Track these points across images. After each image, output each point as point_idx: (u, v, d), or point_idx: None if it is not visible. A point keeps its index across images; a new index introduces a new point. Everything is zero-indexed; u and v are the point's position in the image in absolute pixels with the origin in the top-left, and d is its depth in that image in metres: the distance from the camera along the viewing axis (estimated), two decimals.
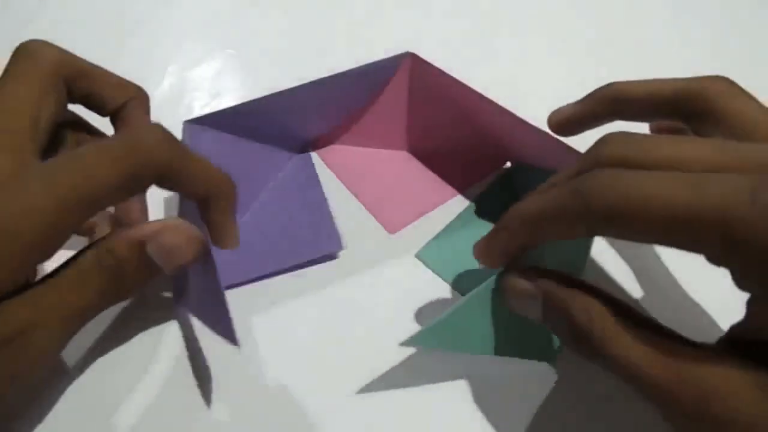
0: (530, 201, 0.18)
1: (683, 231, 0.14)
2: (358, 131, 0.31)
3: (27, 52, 0.20)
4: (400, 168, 0.31)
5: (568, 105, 0.24)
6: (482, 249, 0.21)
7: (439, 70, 0.27)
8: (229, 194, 0.20)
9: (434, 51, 0.29)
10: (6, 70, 0.20)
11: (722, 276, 0.15)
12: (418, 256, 0.27)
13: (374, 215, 0.29)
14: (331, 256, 0.27)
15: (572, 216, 0.16)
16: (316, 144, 0.31)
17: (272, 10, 0.42)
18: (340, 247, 0.27)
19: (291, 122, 0.29)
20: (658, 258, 0.28)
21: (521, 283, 0.19)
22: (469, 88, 0.27)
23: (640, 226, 0.15)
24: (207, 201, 0.19)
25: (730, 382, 0.14)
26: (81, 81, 0.21)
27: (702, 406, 0.14)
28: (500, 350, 0.22)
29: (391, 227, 0.28)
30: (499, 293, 0.20)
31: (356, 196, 0.30)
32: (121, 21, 0.39)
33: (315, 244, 0.27)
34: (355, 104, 0.30)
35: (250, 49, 0.39)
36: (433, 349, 0.21)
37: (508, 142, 0.28)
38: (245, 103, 0.26)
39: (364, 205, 0.29)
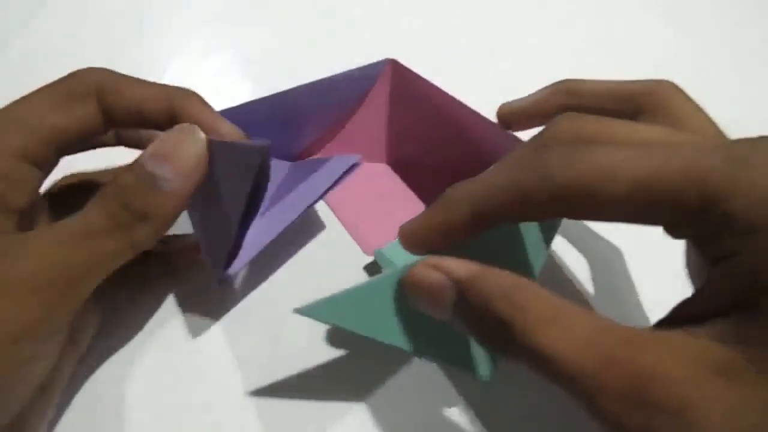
0: (479, 179, 0.17)
1: (655, 197, 0.13)
2: (340, 142, 0.29)
3: (71, 72, 0.19)
4: (381, 184, 0.29)
5: (519, 98, 0.24)
6: (410, 230, 0.18)
7: (422, 78, 0.26)
8: (193, 93, 0.20)
9: (433, 59, 0.27)
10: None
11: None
12: (377, 253, 0.25)
13: (351, 234, 0.27)
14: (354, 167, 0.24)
15: (533, 191, 0.15)
16: (302, 156, 0.30)
17: (274, 12, 0.41)
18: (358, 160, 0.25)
19: (276, 132, 0.28)
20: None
21: (429, 275, 0.16)
22: (454, 98, 0.25)
23: (612, 197, 0.14)
24: (176, 110, 0.19)
25: (673, 362, 0.12)
26: (113, 93, 0.19)
27: (639, 391, 0.12)
28: (419, 348, 0.18)
29: (368, 248, 0.26)
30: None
31: (334, 212, 0.28)
32: (120, 22, 0.39)
33: (334, 168, 0.24)
34: (336, 114, 0.28)
35: (250, 51, 0.38)
36: (338, 325, 0.18)
37: (495, 158, 0.25)
38: (226, 110, 0.25)
39: (342, 222, 0.27)
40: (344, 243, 0.27)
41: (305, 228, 0.28)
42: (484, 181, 0.16)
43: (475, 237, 0.17)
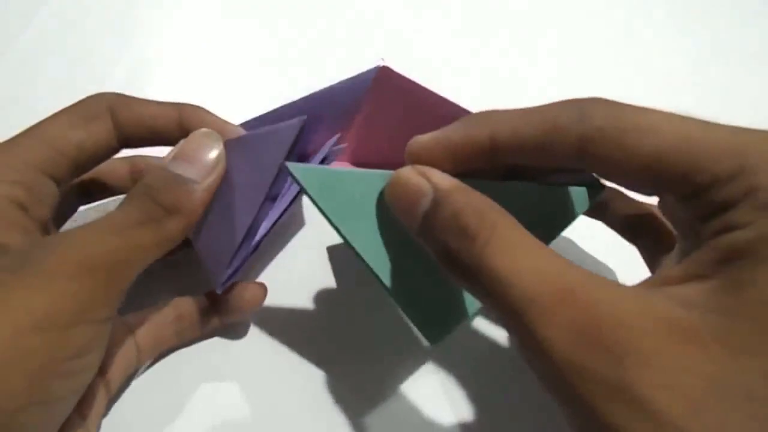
0: (509, 109, 0.17)
1: (688, 160, 0.14)
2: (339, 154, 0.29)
3: (84, 98, 0.20)
4: None
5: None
6: (419, 143, 0.17)
7: (411, 81, 0.26)
8: (199, 107, 0.21)
9: (432, 62, 0.27)
10: None
11: None
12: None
13: None
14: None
15: (564, 128, 0.15)
16: None
17: (274, 15, 0.41)
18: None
19: None
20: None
21: (413, 178, 0.16)
22: (446, 99, 0.25)
23: (646, 152, 0.14)
24: (185, 123, 0.20)
25: (628, 311, 0.12)
26: (125, 110, 0.20)
27: (589, 328, 0.12)
28: (380, 265, 0.18)
29: None
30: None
31: None
32: (121, 23, 0.39)
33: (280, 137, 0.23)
34: (336, 123, 0.28)
35: (248, 58, 0.38)
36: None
37: None
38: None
39: None
40: (327, 238, 0.28)
41: (287, 226, 0.28)
42: (514, 110, 0.16)
43: (485, 166, 0.17)
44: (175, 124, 0.20)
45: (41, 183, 0.19)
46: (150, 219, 0.17)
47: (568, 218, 0.20)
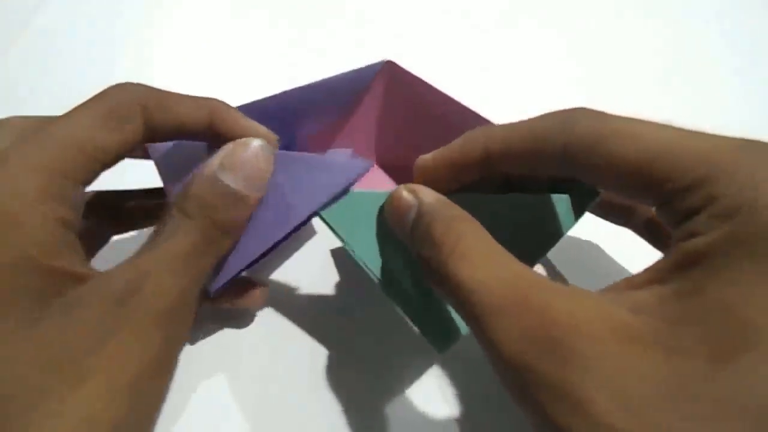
0: (501, 124, 0.18)
1: (667, 167, 0.14)
2: (339, 143, 0.29)
3: (109, 88, 0.19)
4: (370, 182, 0.28)
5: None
6: (424, 161, 0.19)
7: (418, 78, 0.25)
8: (223, 102, 0.20)
9: (436, 62, 0.26)
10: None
11: None
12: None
13: None
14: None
15: (550, 137, 0.16)
16: None
17: (267, 18, 0.40)
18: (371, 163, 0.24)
19: (275, 132, 0.27)
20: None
21: (403, 194, 0.18)
22: (451, 98, 0.24)
23: (629, 159, 0.14)
24: (213, 121, 0.19)
25: (582, 317, 0.13)
26: (160, 111, 0.19)
27: (543, 334, 0.13)
28: (385, 275, 0.19)
29: None
30: None
31: None
32: (119, 22, 0.38)
33: (342, 172, 0.21)
34: (334, 115, 0.28)
35: (244, 57, 0.37)
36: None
37: None
38: None
39: None
40: (334, 245, 0.28)
41: (299, 234, 0.28)
42: (506, 123, 0.18)
43: (484, 176, 0.18)
44: (206, 122, 0.20)
45: (77, 193, 0.17)
46: (211, 243, 0.17)
47: (564, 226, 0.20)
